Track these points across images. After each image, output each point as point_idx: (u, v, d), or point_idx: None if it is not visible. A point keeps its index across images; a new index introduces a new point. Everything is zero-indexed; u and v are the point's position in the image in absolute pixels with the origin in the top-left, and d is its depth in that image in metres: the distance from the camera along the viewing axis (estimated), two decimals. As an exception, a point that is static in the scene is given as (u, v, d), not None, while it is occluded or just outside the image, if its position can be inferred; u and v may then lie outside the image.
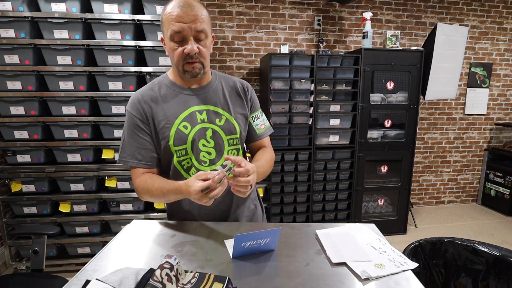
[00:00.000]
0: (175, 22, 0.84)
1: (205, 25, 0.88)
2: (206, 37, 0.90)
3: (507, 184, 3.30)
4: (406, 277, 0.68)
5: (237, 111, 1.03)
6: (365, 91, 2.64)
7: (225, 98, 1.02)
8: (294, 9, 3.00)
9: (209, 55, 0.96)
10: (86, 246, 2.20)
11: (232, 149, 1.02)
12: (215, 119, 0.98)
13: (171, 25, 0.85)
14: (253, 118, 1.08)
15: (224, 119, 0.99)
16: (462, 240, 1.09)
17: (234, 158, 0.81)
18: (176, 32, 0.85)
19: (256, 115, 1.09)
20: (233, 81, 1.06)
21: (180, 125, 0.94)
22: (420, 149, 3.50)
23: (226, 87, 1.04)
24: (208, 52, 0.93)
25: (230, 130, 1.00)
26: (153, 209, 2.21)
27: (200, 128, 0.96)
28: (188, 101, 0.97)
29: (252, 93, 1.09)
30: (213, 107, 0.99)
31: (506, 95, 3.55)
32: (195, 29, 0.85)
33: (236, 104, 1.04)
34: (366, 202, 2.93)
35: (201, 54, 0.90)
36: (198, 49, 0.88)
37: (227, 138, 0.99)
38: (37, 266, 1.34)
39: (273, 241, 0.79)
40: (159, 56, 2.04)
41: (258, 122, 1.10)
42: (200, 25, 0.86)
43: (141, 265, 0.72)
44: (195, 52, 0.88)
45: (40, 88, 2.02)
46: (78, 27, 1.95)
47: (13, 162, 2.06)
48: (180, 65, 0.91)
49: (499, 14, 3.36)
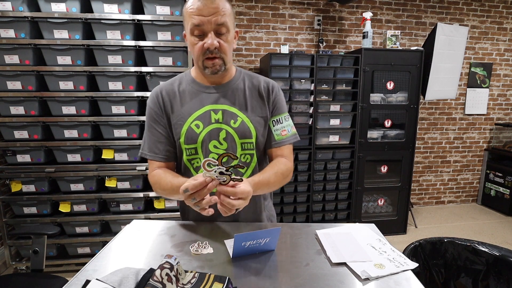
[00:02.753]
0: (195, 15, 0.81)
1: (226, 18, 0.83)
2: (228, 31, 0.86)
3: (507, 184, 3.30)
4: (406, 277, 0.68)
5: (255, 113, 0.96)
6: (365, 91, 2.64)
7: (244, 98, 0.96)
8: (294, 9, 3.00)
9: (232, 51, 0.92)
10: (86, 246, 2.20)
11: (245, 154, 0.96)
12: (230, 120, 0.93)
13: (191, 18, 0.82)
14: (273, 122, 0.99)
15: (240, 121, 0.93)
16: (462, 240, 1.09)
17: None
18: (195, 26, 0.82)
19: (279, 119, 1.00)
20: (258, 81, 1.00)
21: (192, 124, 0.92)
22: (420, 149, 3.50)
23: (248, 86, 0.98)
24: (229, 48, 0.89)
25: (245, 134, 0.94)
26: (153, 209, 2.21)
27: (213, 128, 0.92)
28: (204, 99, 0.94)
29: (277, 95, 1.00)
30: (230, 107, 0.94)
31: (506, 95, 3.55)
32: (215, 23, 0.82)
33: (256, 105, 0.97)
34: (366, 202, 2.93)
35: (222, 49, 0.86)
36: (218, 44, 0.84)
37: (240, 141, 0.94)
38: (37, 266, 1.34)
39: (273, 241, 0.79)
40: (159, 56, 2.04)
41: (280, 127, 0.99)
42: (221, 18, 0.82)
43: (141, 265, 0.72)
44: (215, 47, 0.84)
45: (40, 88, 2.02)
46: (78, 27, 1.95)
47: (13, 162, 2.06)
48: (200, 60, 0.87)
49: (499, 14, 3.36)
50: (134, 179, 2.14)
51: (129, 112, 2.08)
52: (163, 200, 2.19)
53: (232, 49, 0.91)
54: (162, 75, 2.05)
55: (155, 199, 2.18)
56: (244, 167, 0.97)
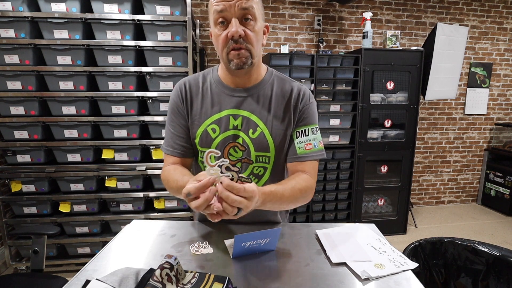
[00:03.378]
0: (219, 2, 0.74)
1: (253, 3, 0.75)
2: (255, 19, 0.77)
3: (507, 184, 3.30)
4: (406, 277, 0.68)
5: (278, 125, 0.87)
6: (365, 91, 2.64)
7: (269, 106, 0.87)
8: (294, 9, 3.00)
9: (260, 45, 0.82)
10: (86, 246, 2.20)
11: (259, 167, 0.88)
12: (249, 129, 0.86)
13: (214, 6, 0.75)
14: (297, 134, 0.88)
15: (259, 132, 0.86)
16: (462, 240, 1.09)
17: None
18: (218, 12, 0.75)
19: (304, 131, 0.88)
20: (290, 86, 0.90)
21: (209, 127, 0.87)
22: (420, 149, 3.50)
23: (276, 93, 0.89)
24: (257, 39, 0.79)
25: (262, 146, 0.86)
26: (153, 209, 2.21)
27: (230, 135, 0.86)
28: (225, 102, 0.87)
29: (306, 105, 0.89)
30: (251, 114, 0.86)
31: (506, 95, 3.55)
32: (239, 6, 0.73)
33: (281, 116, 0.87)
34: (366, 202, 2.93)
35: (248, 38, 0.77)
36: (243, 32, 0.76)
37: (255, 154, 0.86)
38: (37, 266, 1.34)
39: (273, 241, 0.79)
40: (159, 56, 2.04)
41: (304, 140, 0.88)
42: (247, 3, 0.74)
43: (141, 265, 0.72)
44: (239, 35, 0.75)
45: (40, 88, 2.02)
46: (78, 27, 1.95)
47: (13, 162, 2.06)
48: (225, 52, 0.79)
49: (499, 14, 3.36)
50: (134, 179, 2.14)
51: (129, 112, 2.08)
52: (163, 200, 2.19)
53: (260, 42, 0.82)
54: (162, 75, 2.05)
55: (155, 199, 2.18)
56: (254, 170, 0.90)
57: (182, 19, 2.00)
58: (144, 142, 2.10)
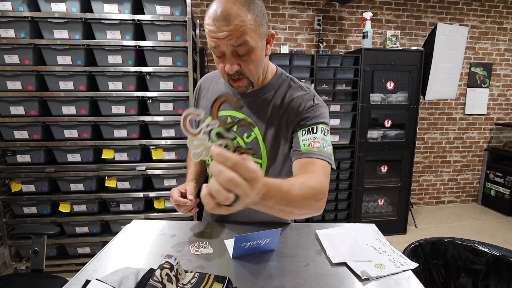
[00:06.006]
0: (211, 37, 0.72)
1: (246, 36, 0.70)
2: (251, 51, 0.73)
3: (507, 184, 3.30)
4: (406, 277, 0.68)
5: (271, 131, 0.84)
6: (365, 91, 2.64)
7: (267, 111, 0.86)
8: (294, 9, 3.00)
9: (261, 66, 0.80)
10: (86, 246, 2.20)
11: None
12: (244, 133, 0.86)
13: (208, 39, 0.74)
14: (303, 132, 0.81)
15: (253, 137, 0.86)
16: (462, 240, 1.09)
17: None
18: (213, 48, 0.74)
19: (311, 129, 0.80)
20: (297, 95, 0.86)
21: None
22: (420, 149, 3.50)
23: (279, 97, 0.86)
24: (255, 66, 0.77)
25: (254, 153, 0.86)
26: (153, 209, 2.21)
27: None
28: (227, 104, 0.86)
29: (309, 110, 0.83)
30: (247, 118, 0.86)
31: (506, 95, 3.55)
32: (232, 45, 0.71)
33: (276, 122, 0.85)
34: (366, 202, 2.93)
35: (245, 71, 0.76)
36: (238, 67, 0.75)
37: None
38: (37, 266, 1.34)
39: (273, 241, 0.79)
40: (159, 56, 2.04)
41: (311, 137, 0.79)
42: (238, 40, 0.70)
43: (141, 265, 0.72)
44: (234, 71, 0.75)
45: (40, 88, 2.02)
46: (78, 27, 1.95)
47: (13, 162, 2.06)
48: (225, 79, 0.81)
49: (499, 14, 3.36)
50: (134, 179, 2.14)
51: (129, 112, 2.08)
52: (163, 200, 2.19)
53: (262, 63, 0.79)
54: (162, 75, 2.05)
55: (155, 199, 2.18)
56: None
57: (182, 19, 1.99)
58: (144, 142, 2.10)
